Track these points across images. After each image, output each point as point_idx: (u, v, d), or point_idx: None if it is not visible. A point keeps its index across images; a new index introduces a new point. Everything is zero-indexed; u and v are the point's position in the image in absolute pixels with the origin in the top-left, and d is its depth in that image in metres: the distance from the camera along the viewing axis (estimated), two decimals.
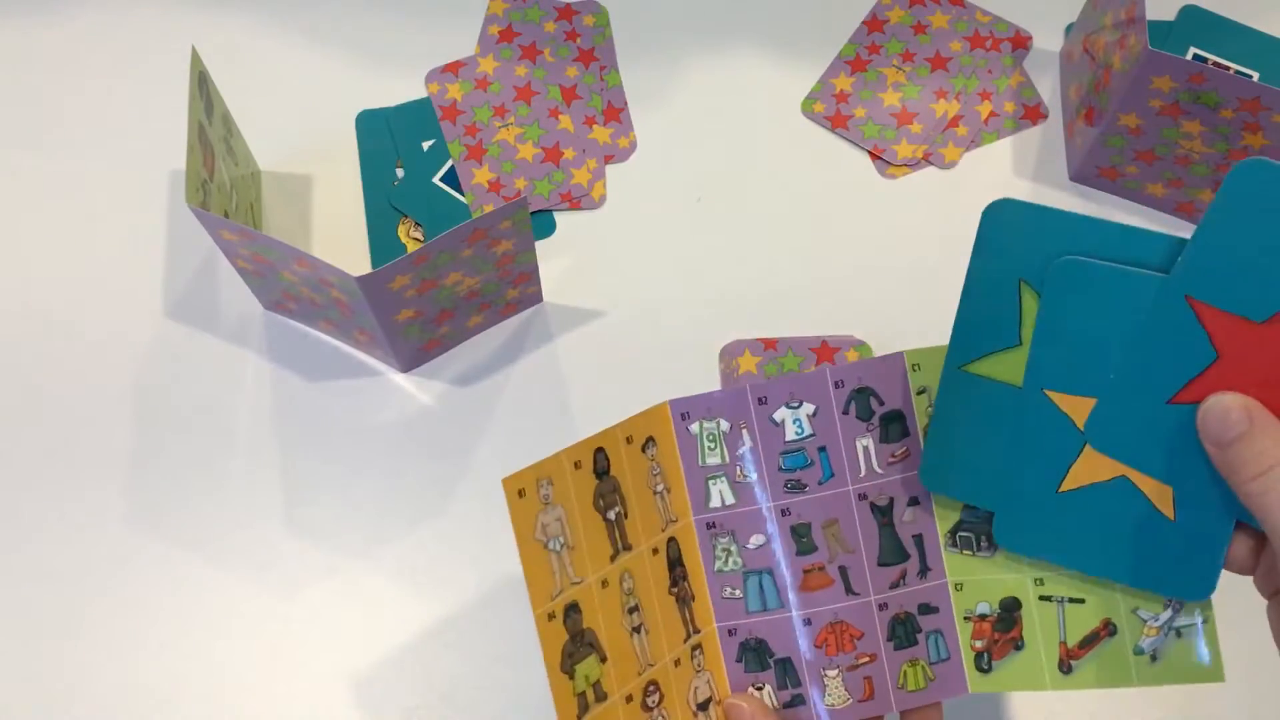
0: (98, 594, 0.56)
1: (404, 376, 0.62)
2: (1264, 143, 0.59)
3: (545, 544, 0.39)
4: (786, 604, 0.42)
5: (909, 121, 0.69)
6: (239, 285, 0.63)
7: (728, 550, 0.42)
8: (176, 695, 0.55)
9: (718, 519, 0.42)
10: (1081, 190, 0.68)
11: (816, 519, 0.42)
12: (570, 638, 0.39)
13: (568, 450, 0.40)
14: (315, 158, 0.68)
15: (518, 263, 0.58)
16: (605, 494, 0.41)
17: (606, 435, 0.41)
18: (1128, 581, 0.40)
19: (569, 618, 0.40)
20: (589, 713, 0.39)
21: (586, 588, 0.40)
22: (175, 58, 0.63)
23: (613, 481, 0.41)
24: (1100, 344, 0.38)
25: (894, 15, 0.73)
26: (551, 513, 0.39)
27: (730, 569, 0.42)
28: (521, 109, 0.69)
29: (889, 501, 0.42)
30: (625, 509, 0.42)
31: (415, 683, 0.55)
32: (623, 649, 0.41)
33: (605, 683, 0.40)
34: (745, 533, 0.42)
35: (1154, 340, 0.37)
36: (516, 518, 0.38)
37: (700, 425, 0.42)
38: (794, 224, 0.67)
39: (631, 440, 0.42)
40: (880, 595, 0.42)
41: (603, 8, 0.73)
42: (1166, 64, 0.57)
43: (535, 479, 0.39)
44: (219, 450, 0.60)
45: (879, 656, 0.42)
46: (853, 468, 0.42)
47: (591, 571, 0.40)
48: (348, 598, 0.57)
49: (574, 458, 0.40)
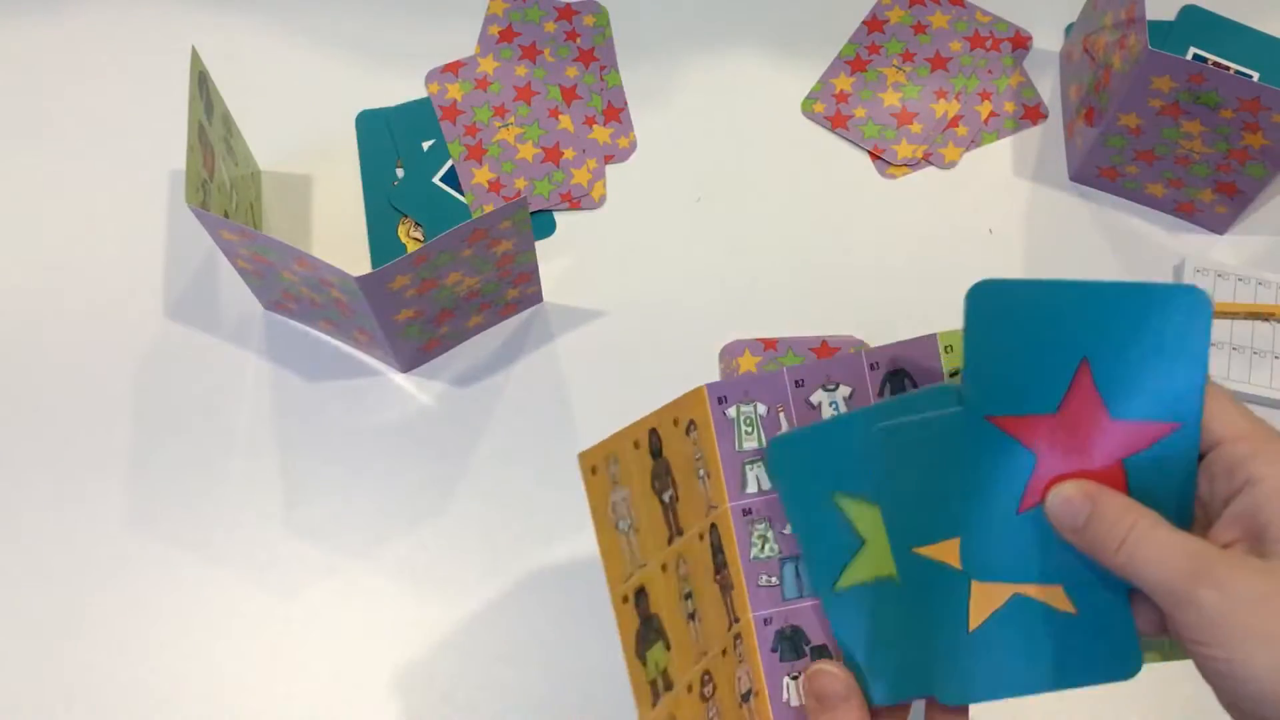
0: (98, 594, 0.56)
1: (404, 376, 0.62)
2: (1264, 142, 0.59)
3: (616, 524, 0.38)
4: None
5: (909, 121, 0.69)
6: (239, 285, 0.63)
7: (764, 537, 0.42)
8: (176, 695, 0.55)
9: (754, 505, 0.42)
10: (1081, 190, 0.68)
11: None
12: (641, 622, 0.38)
13: (627, 429, 0.39)
14: (315, 158, 0.68)
15: (518, 263, 0.58)
16: (660, 475, 0.41)
17: (659, 416, 0.40)
18: (1065, 686, 0.40)
19: (639, 602, 0.38)
20: (660, 702, 0.38)
21: (651, 571, 0.39)
22: (175, 58, 0.63)
23: (665, 463, 0.41)
24: (940, 488, 0.39)
25: (894, 15, 0.73)
26: (619, 492, 0.38)
27: (766, 555, 0.42)
28: (521, 109, 0.69)
29: None
30: (677, 492, 0.41)
31: (415, 682, 0.55)
32: (682, 636, 0.40)
33: (671, 670, 0.39)
34: (782, 519, 0.42)
35: (980, 466, 0.39)
36: (593, 495, 0.37)
37: (737, 409, 0.42)
38: (794, 224, 0.67)
39: (678, 422, 0.41)
40: None
41: (603, 8, 0.73)
42: (1166, 64, 0.57)
43: (607, 456, 0.38)
44: (219, 450, 0.60)
45: None
46: None
47: (653, 555, 0.39)
48: (348, 598, 0.57)
49: (633, 437, 0.39)
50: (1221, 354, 0.62)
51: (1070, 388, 0.38)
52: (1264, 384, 0.61)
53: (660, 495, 0.41)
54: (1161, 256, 0.66)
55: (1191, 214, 0.67)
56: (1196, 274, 0.64)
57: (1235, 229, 0.67)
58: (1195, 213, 0.66)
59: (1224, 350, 0.62)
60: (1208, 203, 0.65)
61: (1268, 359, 0.62)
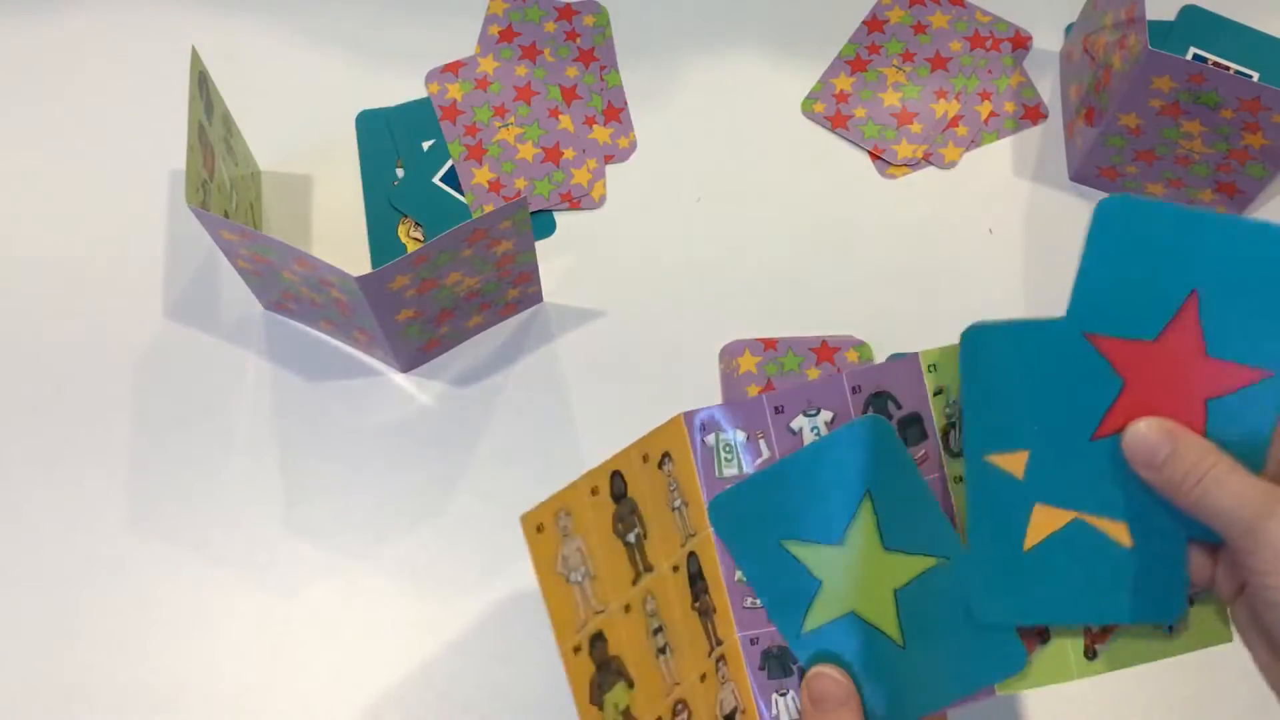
0: (98, 594, 0.56)
1: (404, 376, 0.62)
2: (1264, 142, 0.59)
3: (567, 577, 0.39)
4: None
5: (909, 121, 0.69)
6: (239, 285, 0.63)
7: None
8: (176, 695, 0.55)
9: None
10: (1081, 190, 0.68)
11: None
12: (597, 668, 0.39)
13: (584, 478, 0.39)
14: (315, 158, 0.68)
15: (518, 263, 0.58)
16: (624, 517, 0.41)
17: (623, 457, 0.41)
18: (1107, 620, 0.41)
19: (595, 648, 0.39)
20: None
21: (610, 615, 0.40)
22: (175, 58, 0.63)
23: (631, 503, 0.41)
24: (1021, 398, 0.39)
25: (894, 15, 0.73)
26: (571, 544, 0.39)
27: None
28: (521, 109, 0.69)
29: None
30: (644, 529, 0.41)
31: (415, 682, 0.55)
32: (649, 672, 0.40)
33: (634, 708, 0.40)
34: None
35: (1066, 382, 0.39)
36: (537, 554, 0.38)
37: (716, 437, 0.42)
38: (794, 224, 0.67)
39: (648, 458, 0.41)
40: None
41: (603, 8, 0.73)
42: (1166, 64, 0.57)
43: (554, 512, 0.38)
44: (219, 450, 0.60)
45: None
46: None
47: (614, 598, 0.40)
48: (348, 598, 0.57)
49: (590, 484, 0.40)
50: None
51: (1174, 317, 0.38)
52: None
53: (624, 537, 0.41)
54: None
55: None
56: None
57: None
58: None
59: None
60: (1208, 203, 0.65)
61: None
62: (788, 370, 0.61)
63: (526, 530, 0.38)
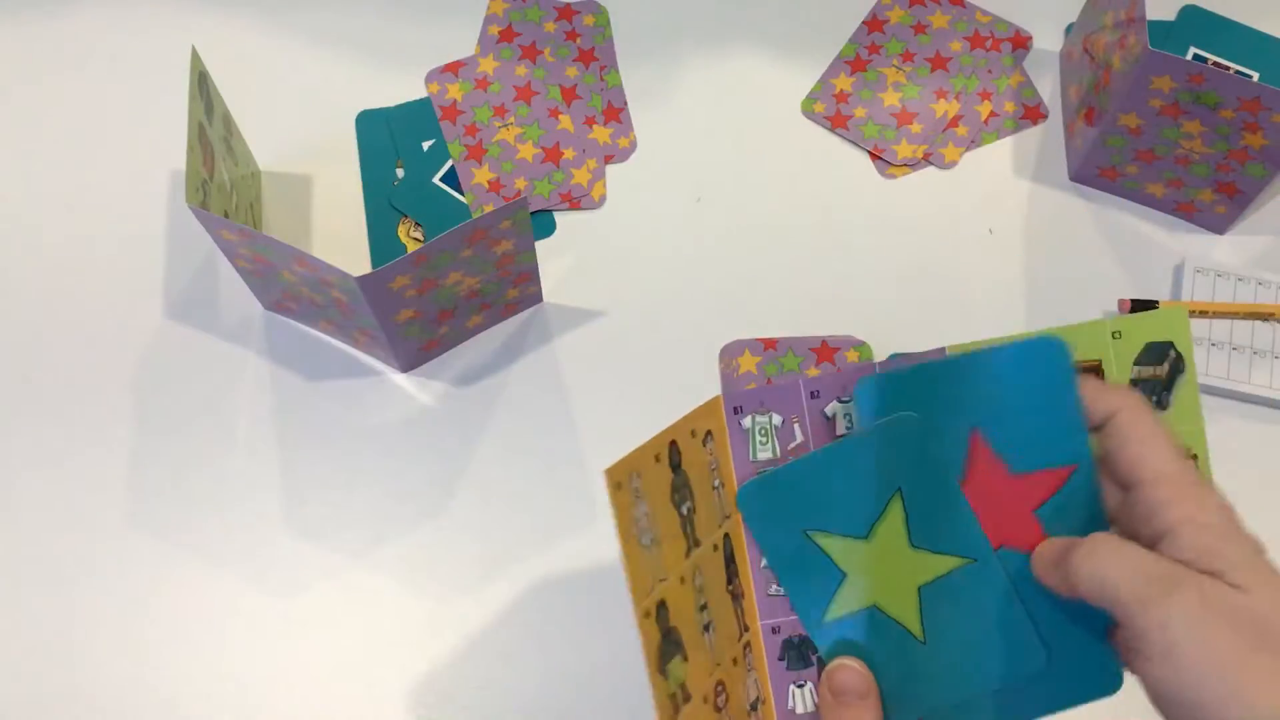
0: (98, 594, 0.56)
1: (404, 376, 0.62)
2: (1264, 142, 0.59)
3: (639, 539, 0.38)
4: None
5: (909, 121, 0.69)
6: (239, 285, 0.63)
7: None
8: (177, 695, 0.55)
9: None
10: (1081, 190, 0.68)
11: None
12: (663, 636, 0.39)
13: (649, 443, 0.39)
14: (315, 158, 0.68)
15: (518, 263, 0.58)
16: (679, 488, 0.41)
17: (678, 428, 0.41)
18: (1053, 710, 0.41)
19: (660, 615, 0.39)
20: (679, 715, 0.38)
21: (671, 584, 0.39)
22: (175, 58, 0.63)
23: (684, 475, 0.41)
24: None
25: (894, 15, 0.73)
26: (641, 506, 0.38)
27: None
28: (521, 109, 0.69)
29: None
30: (694, 504, 0.41)
31: (415, 682, 0.55)
32: (698, 648, 0.40)
33: (689, 682, 0.39)
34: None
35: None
36: (620, 511, 0.37)
37: (753, 419, 0.42)
38: (794, 224, 0.67)
39: (695, 434, 0.41)
40: None
41: (603, 8, 0.73)
42: (1166, 64, 0.57)
43: (629, 471, 0.38)
44: (219, 450, 0.60)
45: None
46: None
47: (673, 568, 0.40)
48: (348, 598, 0.57)
49: (655, 450, 0.39)
50: (1221, 354, 0.62)
51: (968, 456, 0.40)
52: (1264, 384, 0.61)
53: (679, 508, 0.41)
54: (1161, 257, 0.66)
55: (1191, 214, 0.67)
56: (1196, 274, 0.64)
57: (1235, 229, 0.67)
58: (1195, 213, 0.66)
59: (1224, 350, 0.62)
60: (1208, 203, 0.65)
61: (1268, 359, 0.62)
62: (788, 370, 0.61)
63: (610, 486, 0.37)
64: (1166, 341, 0.43)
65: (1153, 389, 0.43)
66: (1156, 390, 0.43)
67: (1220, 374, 0.61)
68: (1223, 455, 0.61)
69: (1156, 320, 0.43)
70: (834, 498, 0.41)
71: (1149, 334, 0.43)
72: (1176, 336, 0.43)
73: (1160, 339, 0.43)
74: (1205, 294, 0.63)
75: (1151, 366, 0.43)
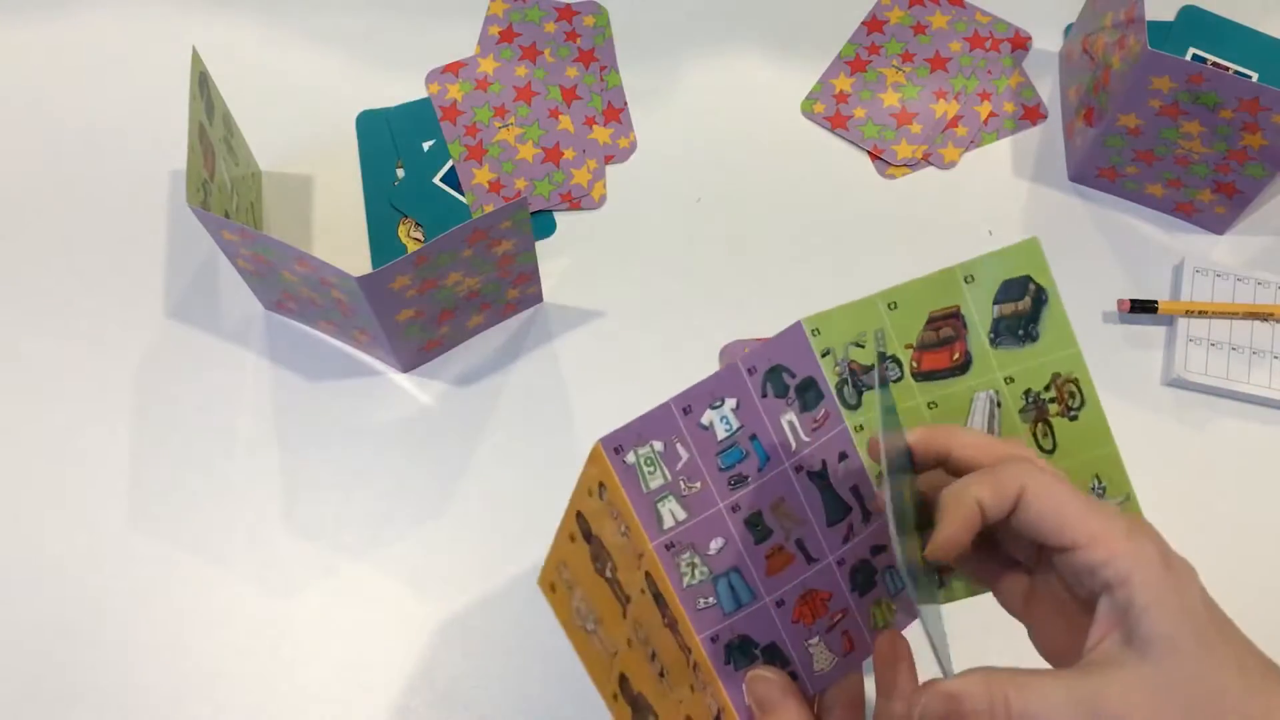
0: (98, 594, 0.56)
1: (404, 376, 0.62)
2: (1263, 143, 0.59)
3: (584, 628, 0.39)
4: (758, 594, 0.43)
5: (909, 122, 0.69)
6: (239, 285, 0.63)
7: (692, 564, 0.43)
8: (177, 695, 0.55)
9: (674, 538, 0.42)
10: (1081, 190, 0.68)
11: (765, 504, 0.43)
12: (632, 709, 0.39)
13: (560, 527, 0.40)
14: (315, 158, 0.68)
15: (518, 263, 0.58)
16: (598, 554, 0.41)
17: (577, 495, 0.41)
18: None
19: (624, 689, 0.39)
20: None
21: (622, 655, 0.40)
22: (175, 58, 0.63)
23: (598, 540, 0.41)
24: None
25: (894, 15, 0.73)
26: (576, 594, 0.39)
27: (699, 580, 0.43)
28: (521, 109, 0.69)
29: (822, 465, 0.43)
30: (614, 561, 0.42)
31: (415, 682, 0.55)
32: (663, 697, 0.41)
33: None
34: (704, 541, 0.42)
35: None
36: (559, 611, 0.38)
37: (635, 453, 0.42)
38: (794, 224, 0.67)
39: (592, 492, 0.42)
40: (836, 553, 0.43)
41: (603, 8, 0.73)
42: (1166, 64, 0.57)
43: (556, 566, 0.39)
44: (219, 450, 0.60)
45: (850, 609, 0.43)
46: (784, 445, 0.43)
47: (618, 636, 0.40)
48: (348, 598, 0.57)
49: (568, 531, 0.40)
50: (1221, 354, 0.62)
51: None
52: (1264, 384, 0.61)
53: (604, 574, 0.41)
54: (1161, 256, 0.66)
55: (1191, 214, 0.67)
56: (1195, 274, 0.64)
57: (1235, 229, 0.67)
58: (1195, 213, 0.66)
59: (1223, 350, 0.62)
60: (1207, 203, 0.65)
61: (1267, 359, 0.62)
62: None
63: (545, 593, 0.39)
64: (1024, 276, 0.43)
65: (1018, 324, 0.43)
66: (1023, 323, 0.43)
67: (1220, 374, 0.61)
68: (1223, 455, 0.61)
69: (1009, 257, 0.42)
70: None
71: (1004, 272, 0.43)
72: (1034, 270, 0.42)
73: (1016, 275, 0.43)
74: (1204, 294, 0.63)
75: (1013, 303, 0.43)
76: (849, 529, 0.43)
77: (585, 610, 0.39)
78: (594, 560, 0.41)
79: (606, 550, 0.42)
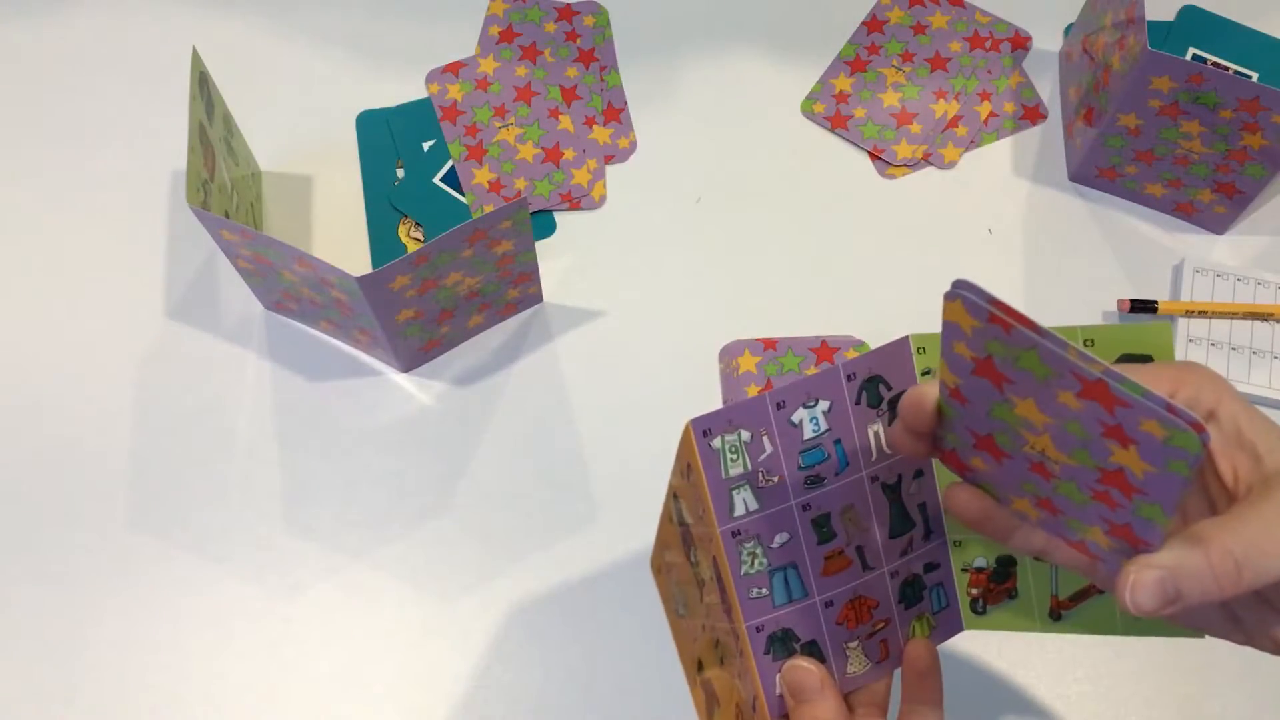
0: (98, 594, 0.56)
1: (404, 376, 0.62)
2: (1263, 143, 0.59)
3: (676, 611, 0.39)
4: (810, 592, 0.43)
5: (908, 122, 0.69)
6: (239, 285, 0.63)
7: (753, 554, 0.43)
8: (177, 695, 0.55)
9: (742, 526, 0.43)
10: (1081, 190, 0.68)
11: (835, 508, 0.43)
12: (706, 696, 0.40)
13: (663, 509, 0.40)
14: (315, 158, 0.68)
15: (518, 263, 0.58)
16: (687, 538, 0.42)
17: (672, 477, 0.41)
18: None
19: (701, 675, 0.40)
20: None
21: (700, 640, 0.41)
22: (175, 58, 0.63)
23: (686, 524, 0.42)
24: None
25: (894, 16, 0.73)
26: (673, 577, 0.39)
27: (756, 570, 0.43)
28: (521, 109, 0.69)
29: (898, 479, 0.43)
30: (696, 546, 0.42)
31: (416, 683, 0.55)
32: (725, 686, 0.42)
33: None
34: (769, 534, 0.43)
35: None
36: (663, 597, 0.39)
37: (722, 439, 0.42)
38: (794, 224, 0.67)
39: (683, 473, 0.43)
40: (892, 564, 0.44)
41: (603, 8, 0.73)
42: (1166, 64, 0.57)
43: (660, 549, 0.40)
44: (219, 450, 0.60)
45: (892, 620, 0.44)
46: (865, 454, 0.43)
47: (698, 621, 0.41)
48: (348, 598, 0.57)
49: (666, 514, 0.41)
50: (1221, 354, 0.62)
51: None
52: (1264, 384, 0.61)
53: (689, 557, 0.42)
54: (1161, 256, 0.66)
55: (1191, 214, 0.67)
56: (1195, 274, 0.64)
57: (1235, 229, 0.67)
58: (1194, 213, 0.66)
59: (1223, 350, 0.62)
60: (1207, 203, 0.65)
61: (1267, 359, 0.62)
62: (787, 370, 0.61)
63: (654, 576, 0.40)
64: (1145, 355, 0.40)
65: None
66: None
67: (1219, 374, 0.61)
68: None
69: (1138, 333, 0.40)
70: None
71: (1128, 345, 0.40)
72: (1159, 354, 0.40)
73: (1138, 352, 0.40)
74: (1204, 294, 0.63)
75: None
76: (909, 543, 0.44)
77: (679, 595, 0.39)
78: (683, 543, 0.41)
79: (692, 534, 0.42)
